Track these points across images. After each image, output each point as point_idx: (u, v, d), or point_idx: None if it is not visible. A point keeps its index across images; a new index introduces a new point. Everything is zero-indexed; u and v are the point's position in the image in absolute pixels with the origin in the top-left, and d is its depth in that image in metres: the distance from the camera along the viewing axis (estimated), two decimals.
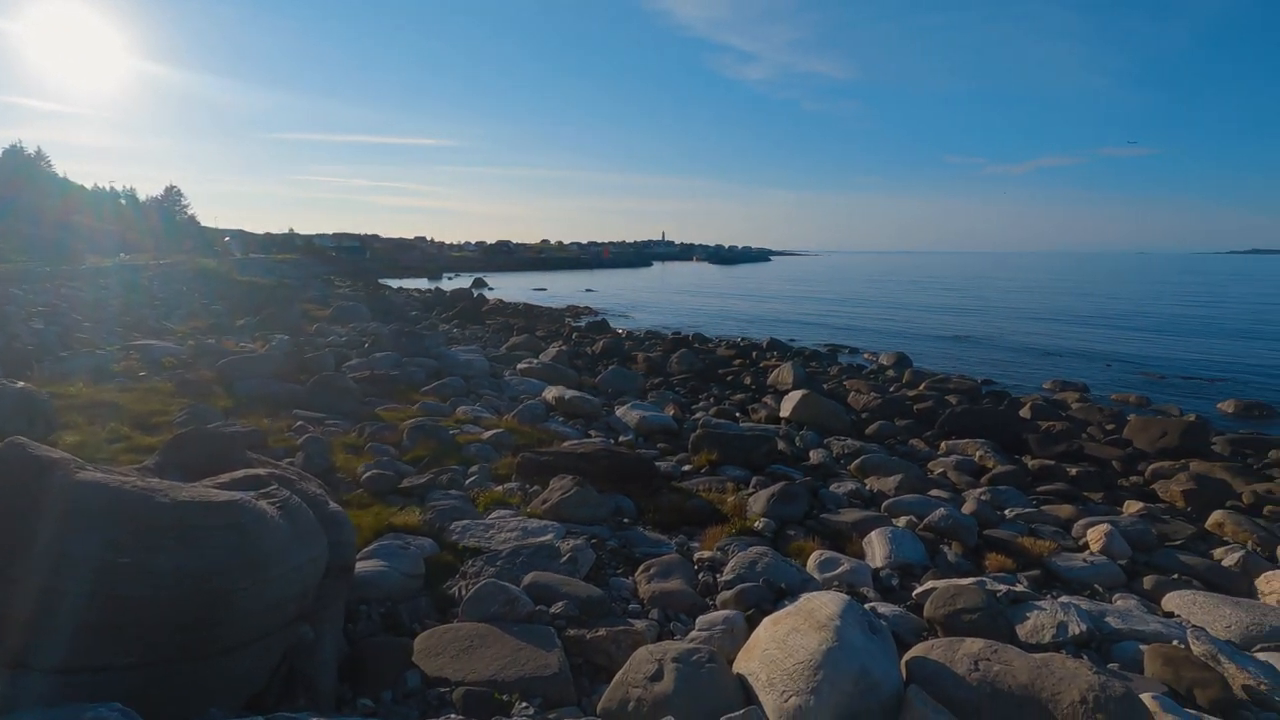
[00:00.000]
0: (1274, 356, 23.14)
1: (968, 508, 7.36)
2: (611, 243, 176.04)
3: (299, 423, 8.14)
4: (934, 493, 8.03)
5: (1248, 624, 4.85)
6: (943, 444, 10.97)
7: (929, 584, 5.07)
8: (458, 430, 8.54)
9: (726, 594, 4.66)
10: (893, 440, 11.31)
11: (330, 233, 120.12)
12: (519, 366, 14.25)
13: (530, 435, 8.73)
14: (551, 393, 11.27)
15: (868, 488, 8.13)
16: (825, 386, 15.32)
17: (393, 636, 3.92)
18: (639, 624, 4.21)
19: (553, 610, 4.17)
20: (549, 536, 5.33)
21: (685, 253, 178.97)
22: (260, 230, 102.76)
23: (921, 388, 16.26)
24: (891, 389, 15.92)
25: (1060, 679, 3.11)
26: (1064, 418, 13.60)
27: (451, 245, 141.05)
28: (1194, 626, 4.73)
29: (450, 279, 71.41)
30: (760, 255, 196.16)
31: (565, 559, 4.92)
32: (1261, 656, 4.37)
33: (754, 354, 21.03)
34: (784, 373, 15.32)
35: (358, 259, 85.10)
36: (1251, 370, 20.47)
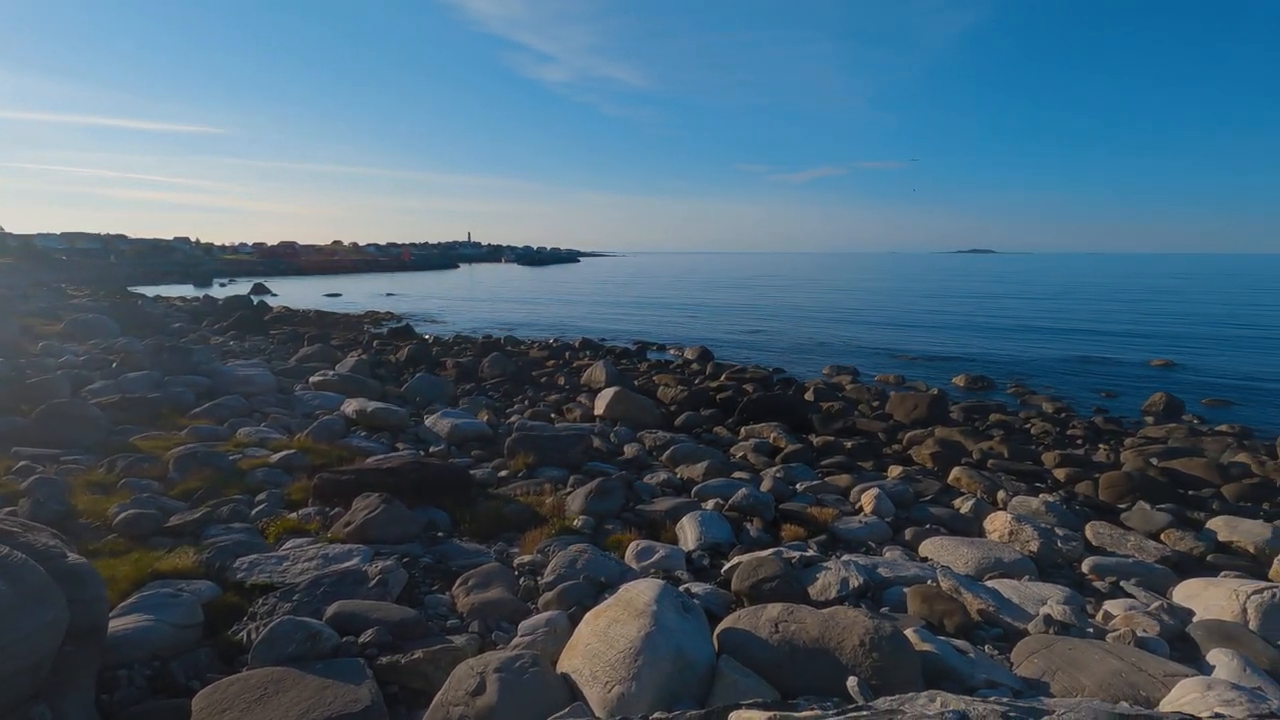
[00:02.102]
0: (989, 339, 28.30)
1: (765, 486, 8.07)
2: (413, 244, 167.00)
3: (22, 463, 6.71)
4: (737, 475, 8.68)
5: (979, 559, 5.88)
6: (742, 429, 11.90)
7: (735, 559, 5.48)
8: (240, 455, 7.59)
9: (548, 595, 4.65)
10: (699, 429, 12.04)
11: (59, 232, 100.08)
12: (312, 379, 13.00)
13: (328, 454, 8.02)
14: (351, 406, 10.44)
15: (678, 476, 8.57)
16: (636, 383, 15.90)
17: (164, 700, 3.38)
18: (459, 639, 4.06)
19: (362, 640, 3.87)
20: (354, 561, 4.94)
21: (493, 254, 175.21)
22: None
23: (722, 379, 17.50)
24: (696, 381, 16.95)
25: (844, 628, 3.53)
26: (840, 398, 15.43)
27: (224, 247, 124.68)
28: (942, 566, 5.62)
29: (223, 285, 63.12)
30: (569, 256, 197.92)
31: (374, 583, 4.59)
32: (990, 584, 5.31)
33: (567, 354, 21.21)
34: (596, 371, 15.64)
35: (99, 263, 72.02)
36: (974, 349, 24.83)
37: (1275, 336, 28.94)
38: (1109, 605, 5.01)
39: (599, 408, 12.18)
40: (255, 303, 34.09)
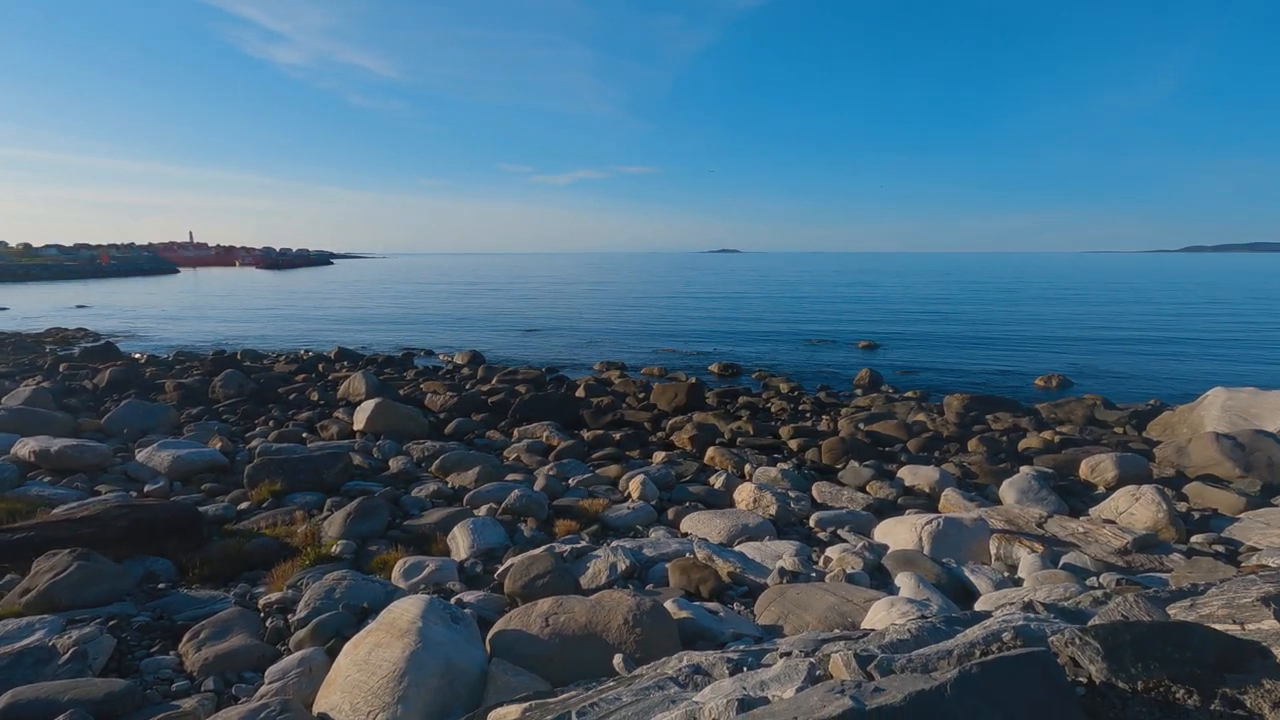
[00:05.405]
0: (737, 330, 31.65)
1: (539, 485, 8.16)
2: (114, 245, 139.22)
3: None
4: (510, 477, 8.65)
5: (729, 527, 6.57)
6: (516, 431, 11.87)
7: (509, 562, 5.48)
8: None
9: (301, 633, 4.23)
10: (471, 435, 11.77)
11: None
12: None
13: None
14: (27, 446, 8.43)
15: (450, 485, 8.31)
16: (401, 392, 15.02)
17: None
18: (188, 702, 3.53)
19: None
20: (36, 636, 4.03)
21: (225, 256, 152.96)
22: None
23: (494, 381, 17.26)
24: (467, 386, 16.51)
25: (609, 610, 3.73)
26: (609, 392, 16.11)
27: None
28: (698, 539, 6.18)
29: None
30: (321, 259, 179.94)
31: (67, 657, 3.79)
32: (738, 548, 5.97)
33: (320, 366, 19.32)
34: (355, 383, 14.49)
35: None
36: (725, 340, 27.57)
37: (948, 318, 36.37)
38: (829, 551, 5.92)
39: (359, 422, 11.31)
40: None
